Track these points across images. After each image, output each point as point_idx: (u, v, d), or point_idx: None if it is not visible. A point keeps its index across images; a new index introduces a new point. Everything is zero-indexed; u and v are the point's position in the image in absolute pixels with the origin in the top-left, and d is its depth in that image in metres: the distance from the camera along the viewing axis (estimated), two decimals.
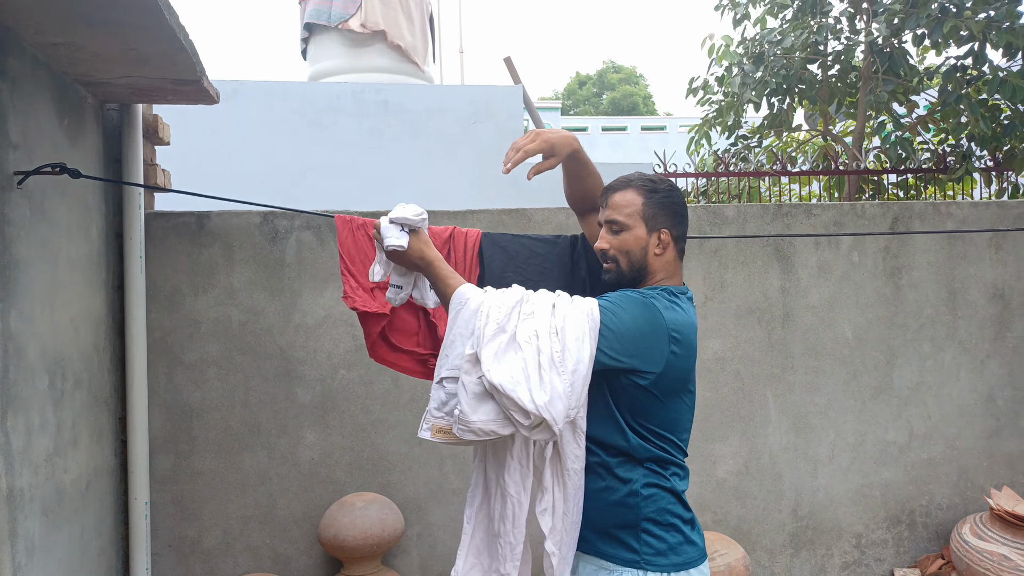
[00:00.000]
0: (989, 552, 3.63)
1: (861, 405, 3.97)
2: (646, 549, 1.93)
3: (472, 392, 1.79)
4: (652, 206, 2.04)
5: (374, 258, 2.66)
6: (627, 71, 36.06)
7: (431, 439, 1.87)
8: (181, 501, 3.45)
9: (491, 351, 1.79)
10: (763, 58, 5.45)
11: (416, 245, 2.03)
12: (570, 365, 1.79)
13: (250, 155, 5.82)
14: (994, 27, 4.86)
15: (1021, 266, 4.15)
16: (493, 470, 1.96)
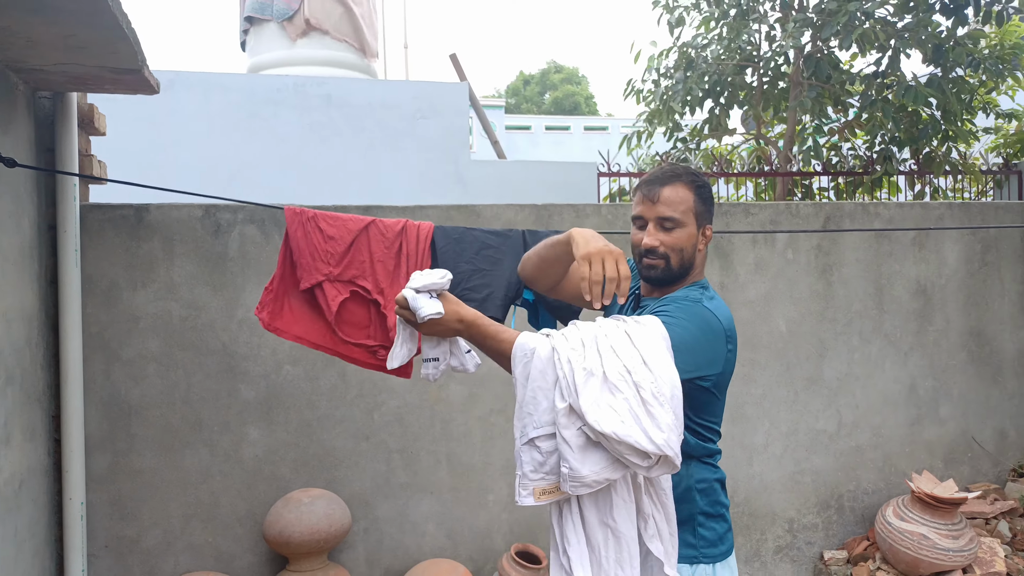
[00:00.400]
0: (910, 532, 3.82)
1: (794, 395, 4.13)
2: (702, 542, 1.95)
3: (577, 445, 1.64)
4: (700, 203, 1.98)
5: (322, 252, 2.66)
6: (569, 71, 36.34)
7: (536, 503, 1.71)
8: (119, 500, 3.37)
9: (589, 399, 1.64)
10: (694, 64, 5.59)
11: (450, 308, 1.82)
12: (668, 393, 1.67)
13: (187, 148, 5.69)
14: (907, 35, 5.10)
15: (942, 263, 4.38)
16: (595, 515, 1.78)
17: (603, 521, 1.77)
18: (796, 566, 4.15)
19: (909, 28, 5.15)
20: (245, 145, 5.82)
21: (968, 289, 4.43)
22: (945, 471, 4.39)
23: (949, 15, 5.16)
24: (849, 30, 4.97)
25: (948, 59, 5.13)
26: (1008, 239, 4.51)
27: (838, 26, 4.97)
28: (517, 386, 1.73)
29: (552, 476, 1.69)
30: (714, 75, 5.52)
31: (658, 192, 1.94)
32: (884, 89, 5.33)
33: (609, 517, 1.76)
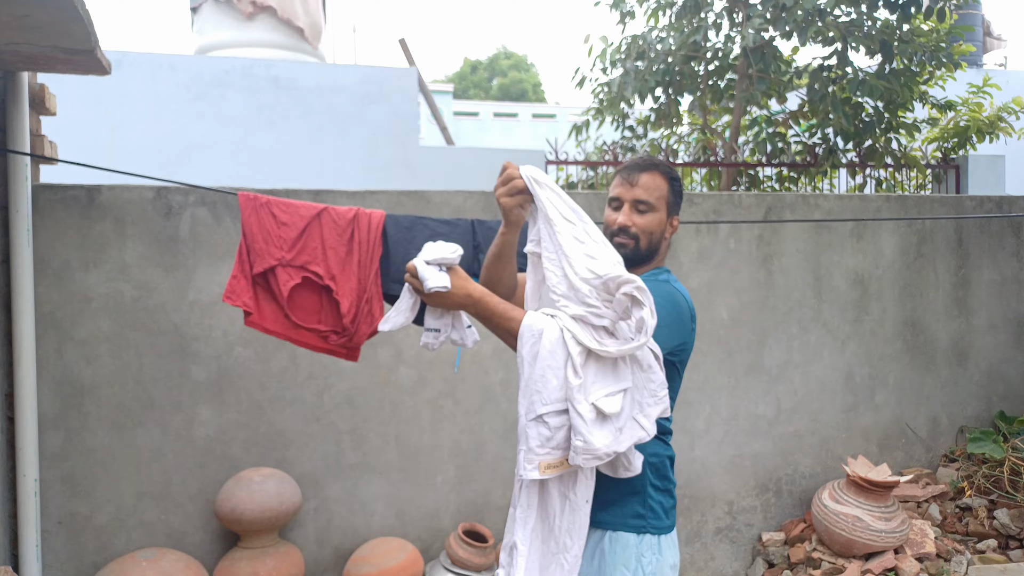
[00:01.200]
0: (844, 514, 3.99)
1: (735, 382, 4.28)
2: (650, 513, 2.06)
3: (590, 419, 1.74)
4: (672, 193, 2.14)
5: (275, 237, 2.72)
6: (518, 58, 36.36)
7: (541, 476, 1.79)
8: (72, 478, 3.40)
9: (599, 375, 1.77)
10: (644, 56, 5.69)
11: (459, 283, 1.89)
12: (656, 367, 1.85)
13: (134, 129, 5.66)
14: (855, 29, 5.25)
15: (879, 255, 4.55)
16: (557, 487, 1.89)
17: (563, 493, 1.89)
18: (735, 547, 4.31)
19: (856, 23, 5.29)
20: (193, 127, 5.81)
21: (904, 280, 4.61)
22: (880, 456, 4.57)
23: (894, 10, 5.32)
24: (804, 26, 5.12)
25: (893, 53, 5.29)
26: (942, 232, 4.70)
27: (792, 21, 5.10)
28: (523, 364, 1.80)
29: (558, 451, 1.78)
30: (663, 64, 5.63)
31: (637, 177, 2.10)
32: (830, 83, 5.47)
33: (571, 491, 1.88)
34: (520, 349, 1.83)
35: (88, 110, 5.43)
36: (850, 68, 5.40)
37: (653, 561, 2.05)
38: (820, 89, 5.39)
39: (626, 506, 2.05)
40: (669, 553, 2.10)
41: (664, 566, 2.08)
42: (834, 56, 5.44)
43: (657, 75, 5.58)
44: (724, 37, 5.66)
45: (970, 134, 5.80)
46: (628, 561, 2.03)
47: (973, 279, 4.78)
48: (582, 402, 1.74)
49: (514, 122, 17.43)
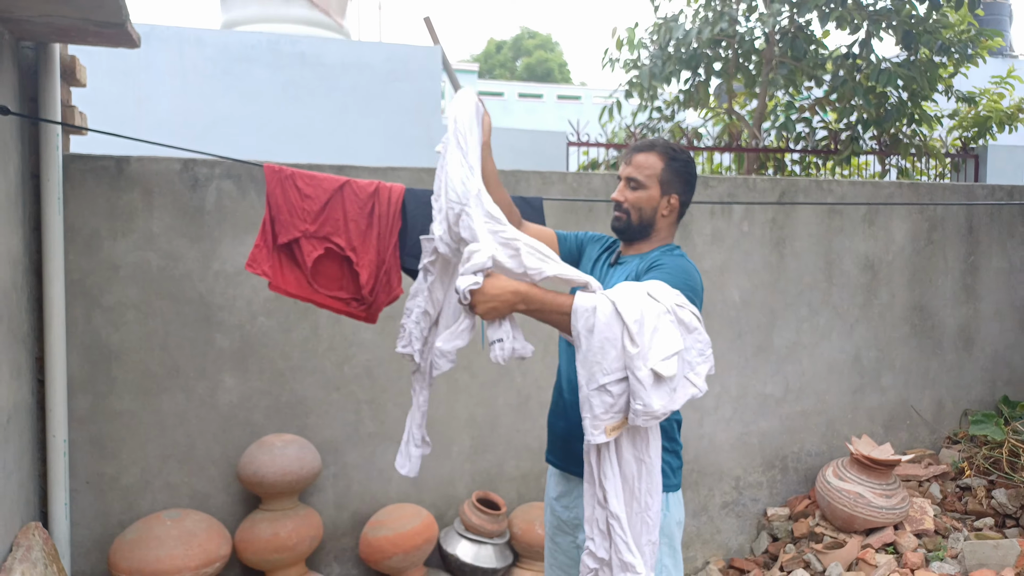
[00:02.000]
0: (847, 491, 4.09)
1: (744, 361, 4.36)
2: (665, 470, 2.17)
3: (648, 384, 1.85)
4: (669, 172, 2.26)
5: (299, 209, 2.81)
6: (543, 37, 36.15)
7: (607, 439, 1.90)
8: (99, 440, 3.51)
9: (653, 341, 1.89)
10: (673, 38, 5.72)
11: (499, 283, 1.94)
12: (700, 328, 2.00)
13: (160, 102, 5.74)
14: (881, 18, 5.28)
15: (889, 240, 4.61)
16: (631, 452, 2.00)
17: (638, 457, 2.00)
18: (741, 521, 4.41)
19: (883, 12, 5.31)
20: (218, 100, 5.88)
21: (913, 266, 4.68)
22: (885, 437, 4.66)
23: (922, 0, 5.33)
24: (828, 11, 5.14)
25: (919, 42, 5.31)
26: (953, 219, 4.75)
27: (817, 6, 5.12)
28: (580, 339, 1.91)
29: (620, 414, 1.90)
30: (692, 47, 5.67)
31: (633, 157, 2.29)
32: (855, 70, 5.49)
33: (644, 453, 2.00)
34: (575, 326, 1.92)
35: (115, 83, 5.51)
36: (873, 56, 5.41)
37: (665, 516, 2.20)
38: (845, 76, 5.42)
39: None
40: (676, 510, 2.26)
41: (671, 521, 2.23)
42: (857, 44, 5.45)
43: (685, 57, 5.62)
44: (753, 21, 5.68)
45: (990, 124, 5.83)
46: None
47: (982, 266, 4.84)
48: (641, 368, 1.85)
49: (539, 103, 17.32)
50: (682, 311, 1.95)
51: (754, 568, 4.22)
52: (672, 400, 1.88)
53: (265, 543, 3.45)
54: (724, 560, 4.34)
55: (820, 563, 3.96)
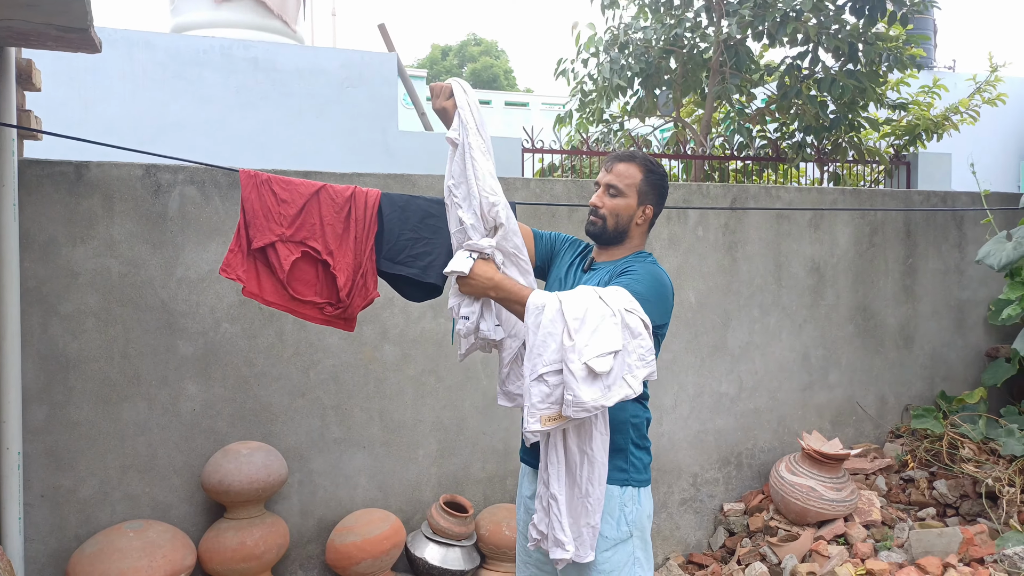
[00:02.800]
0: (800, 485, 4.24)
1: (700, 361, 4.49)
2: (632, 468, 2.33)
3: (580, 377, 1.99)
4: (647, 184, 2.39)
5: (275, 214, 2.81)
6: (488, 44, 36.26)
7: (543, 428, 2.05)
8: (55, 451, 3.43)
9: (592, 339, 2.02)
10: (627, 45, 5.85)
11: (483, 269, 2.22)
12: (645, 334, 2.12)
13: (109, 106, 5.61)
14: (825, 31, 5.50)
15: (834, 244, 4.81)
16: (575, 443, 2.19)
17: (581, 448, 2.19)
18: (699, 517, 4.53)
19: (825, 26, 5.53)
20: (170, 105, 5.78)
21: (857, 268, 4.88)
22: (832, 432, 4.85)
23: (860, 15, 5.57)
24: (779, 24, 5.34)
25: (859, 54, 5.55)
26: (892, 223, 4.98)
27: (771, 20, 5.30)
28: (528, 334, 2.08)
29: (556, 406, 2.04)
30: (642, 57, 5.80)
31: (614, 165, 2.40)
32: (799, 81, 5.70)
33: (587, 445, 2.19)
34: (526, 320, 2.12)
35: (62, 86, 5.37)
36: (819, 67, 5.63)
37: (635, 510, 2.32)
38: (791, 86, 5.61)
39: (612, 461, 2.28)
40: (647, 504, 2.38)
41: (642, 515, 2.35)
42: (805, 56, 5.66)
43: (636, 67, 5.75)
44: (700, 33, 5.84)
45: (919, 132, 6.12)
46: (613, 510, 2.30)
47: (919, 268, 5.07)
48: (575, 361, 1.99)
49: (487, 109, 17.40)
50: (630, 316, 2.07)
51: (712, 563, 4.33)
52: (605, 396, 2.00)
53: (231, 552, 3.42)
54: (683, 555, 4.45)
55: (775, 556, 4.09)
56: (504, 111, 16.29)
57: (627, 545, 2.32)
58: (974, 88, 6.20)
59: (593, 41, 6.01)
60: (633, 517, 2.32)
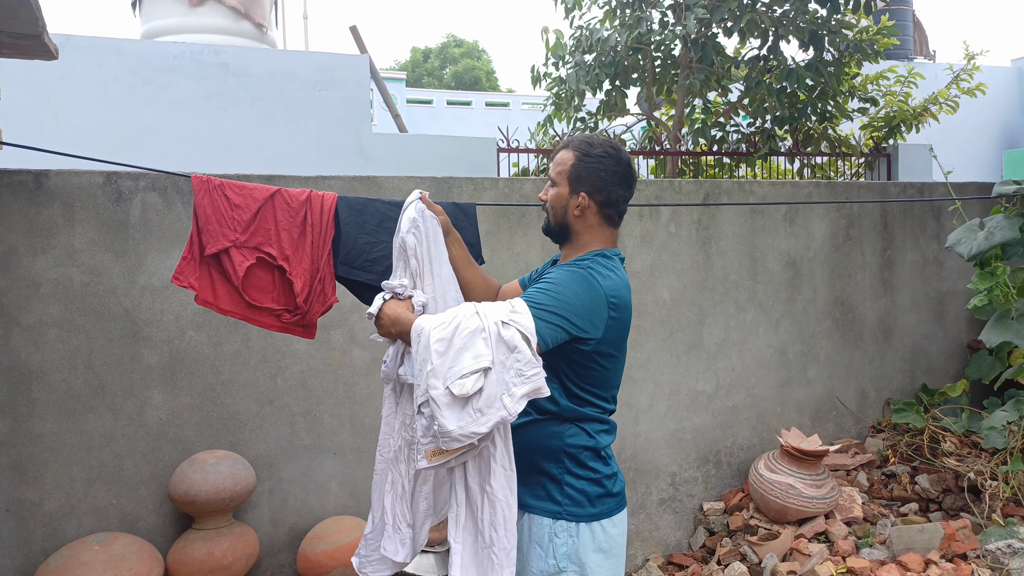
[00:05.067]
0: (779, 482, 4.21)
1: (676, 359, 4.46)
2: (567, 500, 2.05)
3: (443, 403, 1.79)
4: (578, 168, 2.11)
5: (228, 219, 2.77)
6: (469, 45, 36.31)
7: (430, 465, 1.87)
8: (20, 464, 3.39)
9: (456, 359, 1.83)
10: (592, 47, 5.82)
11: (389, 308, 2.05)
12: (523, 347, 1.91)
13: (79, 114, 5.57)
14: (785, 22, 5.48)
15: (809, 238, 4.78)
16: (476, 481, 1.96)
17: (481, 487, 1.94)
18: (678, 517, 4.50)
19: (787, 16, 5.51)
20: (141, 112, 5.73)
21: (833, 262, 4.85)
22: (812, 428, 4.81)
23: (824, 3, 5.56)
24: (737, 16, 5.31)
25: (823, 44, 5.53)
26: (869, 216, 4.95)
27: (726, 12, 5.28)
28: (414, 364, 1.90)
29: (436, 439, 1.83)
30: (610, 57, 5.77)
31: (554, 155, 2.21)
32: (766, 72, 5.68)
33: (486, 482, 1.94)
34: (412, 351, 1.93)
35: (30, 94, 5.32)
36: (781, 58, 5.61)
37: (568, 542, 2.05)
38: (756, 77, 5.59)
39: (542, 492, 2.07)
40: (588, 538, 2.07)
41: (580, 548, 2.06)
42: (768, 48, 5.64)
43: (605, 67, 5.72)
44: (667, 31, 5.82)
45: (897, 123, 6.09)
46: (542, 539, 2.06)
47: (897, 260, 5.04)
48: (437, 387, 1.80)
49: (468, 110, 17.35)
50: (506, 329, 1.84)
51: (692, 563, 4.30)
52: (475, 422, 1.78)
53: (199, 564, 3.37)
54: (663, 556, 4.41)
55: (756, 555, 4.06)
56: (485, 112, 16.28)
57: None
58: (951, 78, 6.17)
59: (560, 46, 5.98)
60: (566, 550, 2.05)
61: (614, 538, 2.12)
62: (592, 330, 1.99)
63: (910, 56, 11.19)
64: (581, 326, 1.97)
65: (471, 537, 1.95)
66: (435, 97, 17.93)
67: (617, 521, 2.14)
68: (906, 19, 10.94)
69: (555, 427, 2.07)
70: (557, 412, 2.06)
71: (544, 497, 2.07)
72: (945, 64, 7.84)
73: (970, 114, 7.94)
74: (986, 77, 6.41)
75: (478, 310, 1.89)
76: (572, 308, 1.96)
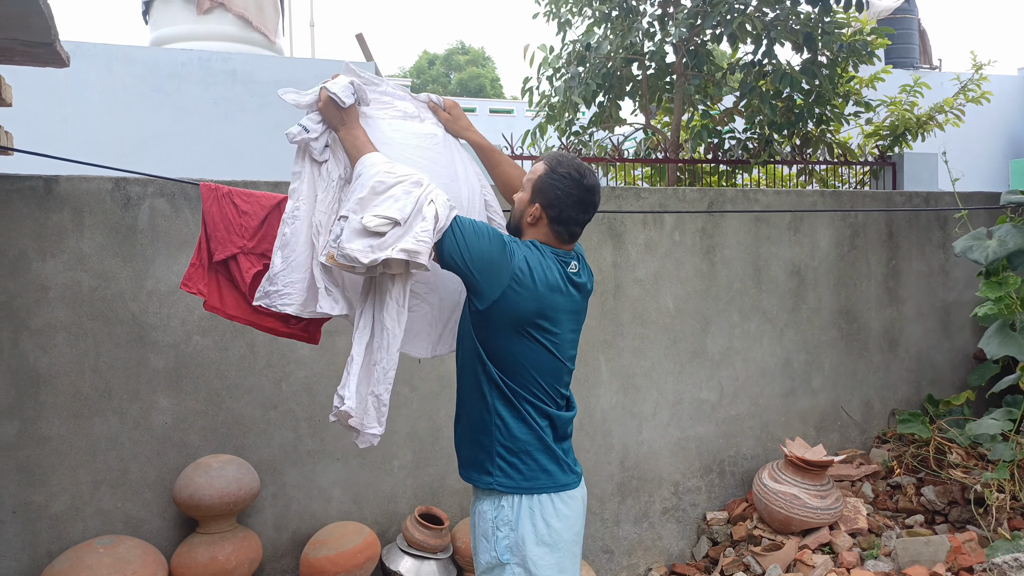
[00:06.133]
0: (783, 493, 4.20)
1: (680, 367, 4.46)
2: (499, 472, 2.19)
3: (353, 228, 2.13)
4: (542, 180, 2.29)
5: (236, 226, 2.80)
6: (475, 52, 36.41)
7: (326, 263, 2.28)
8: (27, 467, 3.41)
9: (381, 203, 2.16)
10: (584, 61, 5.83)
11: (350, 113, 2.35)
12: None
13: (89, 120, 5.62)
14: (777, 25, 5.47)
15: (814, 246, 4.78)
16: (376, 311, 2.30)
17: (378, 317, 2.30)
18: (681, 526, 4.49)
19: (779, 19, 5.50)
20: (149, 118, 5.78)
21: (838, 271, 4.85)
22: (817, 438, 4.81)
23: (815, 3, 5.55)
24: (727, 22, 5.30)
25: (817, 45, 5.51)
26: (875, 225, 4.95)
27: (717, 18, 5.28)
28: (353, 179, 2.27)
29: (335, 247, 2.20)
30: (603, 69, 5.77)
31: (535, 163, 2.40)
32: (761, 78, 5.66)
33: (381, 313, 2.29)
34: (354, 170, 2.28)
35: (40, 101, 5.38)
36: (777, 62, 5.59)
37: (509, 536, 2.17)
38: (750, 83, 5.58)
39: (478, 462, 2.25)
40: (530, 528, 2.17)
41: (521, 539, 2.16)
42: (761, 52, 5.62)
43: (598, 79, 5.72)
44: (657, 40, 5.82)
45: (902, 131, 6.08)
46: (487, 532, 2.20)
47: (903, 270, 5.04)
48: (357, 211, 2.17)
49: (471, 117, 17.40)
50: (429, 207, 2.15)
51: (695, 573, 4.29)
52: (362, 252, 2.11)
53: (203, 567, 3.38)
54: (666, 566, 4.40)
55: (759, 565, 4.05)
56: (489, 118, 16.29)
57: (503, 573, 2.17)
58: (958, 87, 6.16)
59: (547, 62, 5.99)
60: (508, 543, 2.16)
61: (558, 530, 2.21)
62: (485, 286, 2.16)
63: (916, 64, 11.17)
64: (476, 270, 2.16)
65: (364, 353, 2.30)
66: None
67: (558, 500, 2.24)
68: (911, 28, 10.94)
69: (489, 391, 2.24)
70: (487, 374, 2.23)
71: (480, 469, 2.25)
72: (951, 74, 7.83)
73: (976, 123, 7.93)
74: (992, 85, 6.39)
75: (423, 183, 2.20)
76: (480, 251, 2.17)
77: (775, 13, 5.52)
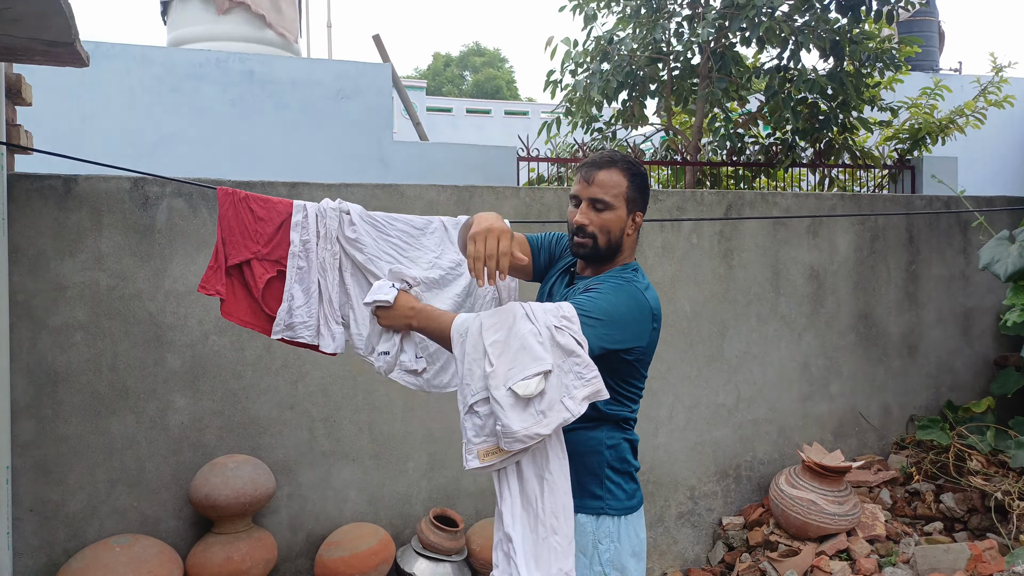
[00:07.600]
0: (800, 498, 4.16)
1: (696, 371, 4.43)
2: (608, 495, 2.08)
3: (507, 404, 1.80)
4: (634, 189, 2.12)
5: (252, 232, 2.79)
6: (491, 54, 36.45)
7: (482, 464, 1.86)
8: (44, 465, 3.43)
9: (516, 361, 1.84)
10: (608, 57, 5.81)
11: (404, 299, 2.07)
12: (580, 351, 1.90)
13: (106, 120, 5.65)
14: (806, 31, 5.44)
15: (833, 250, 4.74)
16: (533, 471, 1.94)
17: (539, 474, 1.93)
18: (697, 531, 4.46)
19: (808, 25, 5.46)
20: (166, 118, 5.81)
21: (857, 275, 4.81)
22: (834, 443, 4.76)
23: (845, 13, 5.51)
24: (755, 25, 5.27)
25: (845, 54, 5.48)
26: (894, 229, 4.90)
27: (744, 21, 5.25)
28: (457, 363, 1.89)
29: (492, 438, 1.84)
30: (627, 67, 5.75)
31: (594, 175, 2.09)
32: (786, 83, 5.63)
33: (545, 470, 1.93)
34: (454, 349, 1.91)
35: (59, 100, 5.41)
36: (801, 67, 5.56)
37: (611, 548, 2.07)
38: (776, 88, 5.55)
39: (584, 488, 2.07)
40: (629, 538, 2.11)
41: (622, 553, 2.09)
42: (789, 57, 5.59)
43: (620, 76, 5.69)
44: (684, 41, 5.79)
45: (922, 135, 6.03)
46: (585, 547, 2.06)
47: (923, 275, 4.99)
48: (499, 388, 1.81)
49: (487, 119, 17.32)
50: (560, 333, 1.85)
51: None
52: (539, 423, 1.80)
53: (218, 567, 3.39)
54: (681, 571, 4.37)
55: (776, 571, 4.02)
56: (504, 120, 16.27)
57: None
58: (979, 90, 6.09)
59: (570, 56, 5.97)
60: (609, 556, 2.06)
61: (639, 540, 2.17)
62: (636, 342, 2.02)
63: (936, 67, 11.06)
64: (627, 338, 1.99)
65: (529, 528, 1.93)
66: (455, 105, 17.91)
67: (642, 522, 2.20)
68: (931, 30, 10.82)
69: (595, 427, 2.08)
70: (596, 415, 2.05)
71: (586, 493, 2.07)
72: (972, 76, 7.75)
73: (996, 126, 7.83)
74: (1013, 88, 6.32)
75: (527, 312, 1.89)
76: (621, 321, 1.98)
77: (804, 19, 5.48)
